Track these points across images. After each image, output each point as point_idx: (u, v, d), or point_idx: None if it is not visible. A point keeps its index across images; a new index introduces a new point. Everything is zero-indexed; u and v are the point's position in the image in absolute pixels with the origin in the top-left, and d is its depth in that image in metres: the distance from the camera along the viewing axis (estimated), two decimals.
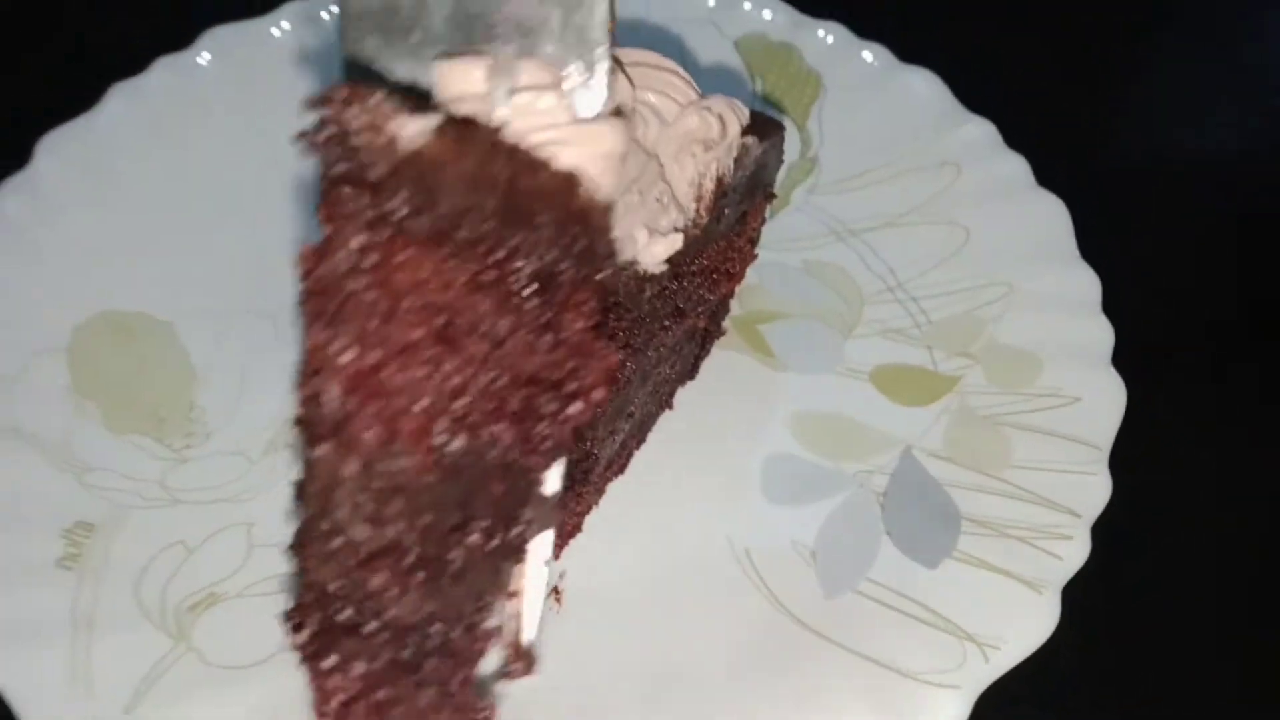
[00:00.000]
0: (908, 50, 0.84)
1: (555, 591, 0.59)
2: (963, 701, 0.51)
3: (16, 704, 0.48)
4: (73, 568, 0.55)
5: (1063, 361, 0.66)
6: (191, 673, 0.52)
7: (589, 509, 0.62)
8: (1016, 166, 0.76)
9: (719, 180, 0.53)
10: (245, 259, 0.71)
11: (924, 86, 0.82)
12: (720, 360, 0.70)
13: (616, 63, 0.47)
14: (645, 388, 0.59)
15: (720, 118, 0.51)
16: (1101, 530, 0.57)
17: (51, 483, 0.58)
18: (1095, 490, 0.59)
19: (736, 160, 0.54)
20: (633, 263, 0.49)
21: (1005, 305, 0.70)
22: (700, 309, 0.61)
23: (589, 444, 0.55)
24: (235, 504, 0.61)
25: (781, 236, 0.77)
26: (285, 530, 0.57)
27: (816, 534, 0.61)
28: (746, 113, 0.55)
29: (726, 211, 0.56)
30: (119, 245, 0.70)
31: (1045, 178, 0.76)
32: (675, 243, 0.49)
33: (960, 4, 0.98)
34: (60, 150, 0.72)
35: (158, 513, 0.59)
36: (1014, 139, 0.78)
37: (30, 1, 0.88)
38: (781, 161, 0.64)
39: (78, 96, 0.75)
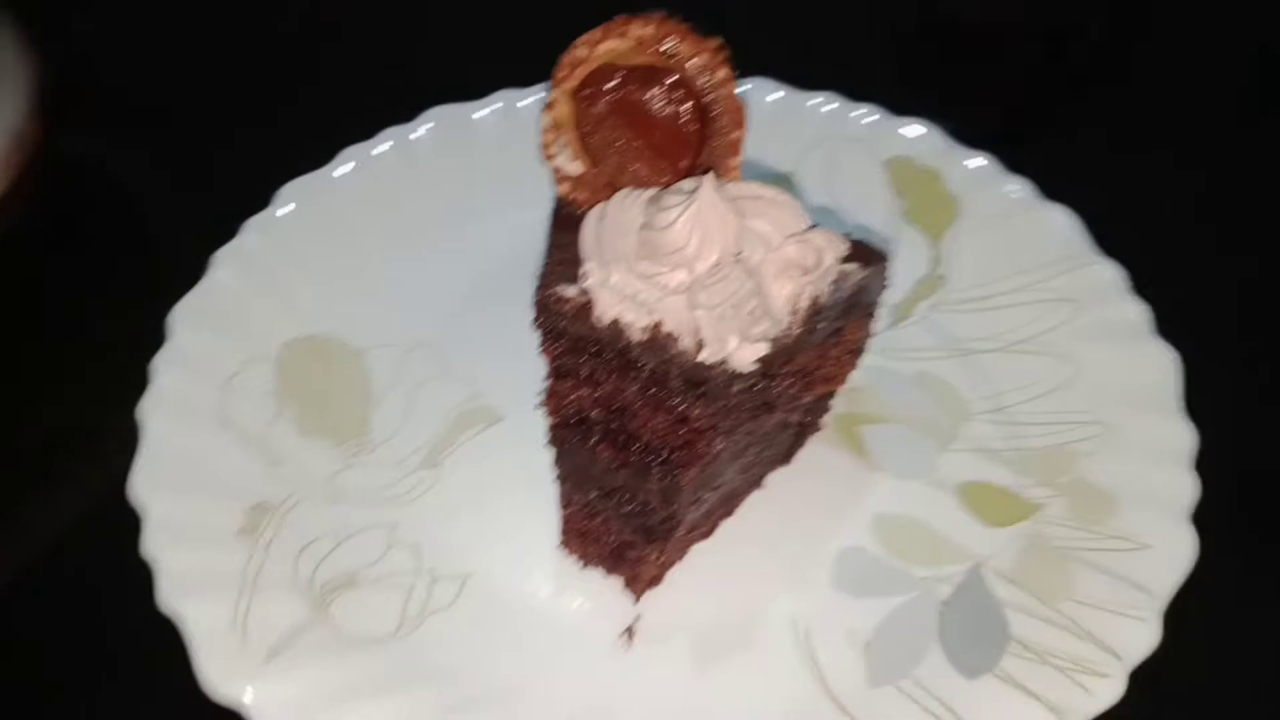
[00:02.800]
0: (1058, 187, 0.88)
1: (629, 631, 0.67)
2: None
3: (189, 636, 0.61)
4: (248, 538, 0.68)
5: (1141, 507, 0.69)
6: (322, 639, 0.63)
7: (671, 564, 0.70)
8: (1137, 313, 0.79)
9: (814, 300, 0.61)
10: (430, 303, 0.84)
11: (1060, 223, 0.86)
12: (816, 453, 0.77)
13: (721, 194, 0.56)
14: (733, 466, 0.67)
15: (818, 249, 0.59)
16: (1142, 678, 0.60)
17: (247, 467, 0.72)
18: (1143, 636, 0.61)
19: (835, 283, 0.62)
20: (722, 362, 0.57)
21: (1100, 444, 0.73)
22: (793, 406, 0.68)
23: (674, 506, 0.63)
24: (385, 507, 0.72)
25: (899, 346, 0.83)
26: (421, 532, 0.69)
27: (875, 627, 0.67)
28: (845, 245, 0.62)
29: (821, 325, 0.63)
30: (330, 283, 0.84)
31: (1168, 324, 0.78)
32: (762, 349, 0.57)
33: (1125, 145, 1.01)
34: (295, 198, 0.87)
35: (322, 507, 0.71)
36: (1145, 283, 0.81)
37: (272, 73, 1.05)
38: (884, 286, 0.71)
39: (311, 155, 0.90)
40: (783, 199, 0.60)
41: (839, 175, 0.94)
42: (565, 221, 0.65)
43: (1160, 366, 0.75)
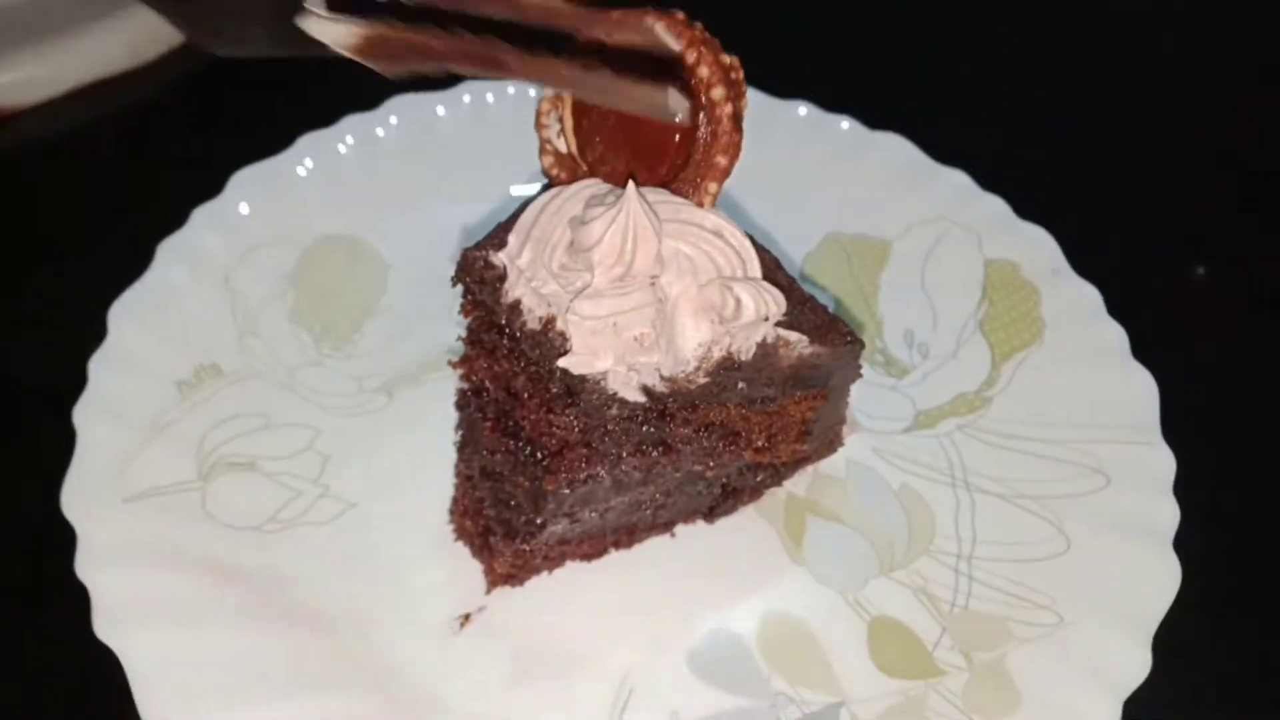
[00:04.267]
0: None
1: (465, 617, 0.65)
2: None
3: (78, 446, 0.65)
4: (182, 391, 0.72)
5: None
6: (188, 503, 0.66)
7: (535, 570, 0.67)
8: (1166, 516, 0.67)
9: (729, 354, 0.55)
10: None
11: (1140, 389, 0.74)
12: (747, 523, 0.71)
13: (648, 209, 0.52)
14: (622, 497, 0.63)
15: (739, 302, 0.54)
16: None
17: (223, 328, 0.76)
18: None
19: (765, 346, 0.56)
20: (600, 380, 0.54)
21: (1042, 636, 0.63)
22: (711, 462, 0.63)
23: (538, 512, 0.61)
24: (322, 412, 0.74)
25: (901, 452, 0.75)
26: (338, 447, 0.70)
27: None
28: (778, 308, 0.56)
29: (738, 385, 0.58)
30: (383, 195, 0.87)
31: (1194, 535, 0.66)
32: (651, 381, 0.53)
33: None
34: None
35: (267, 389, 0.74)
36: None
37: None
38: (857, 375, 0.64)
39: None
40: (735, 240, 0.56)
41: (936, 259, 0.85)
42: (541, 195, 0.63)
43: (1157, 583, 0.63)
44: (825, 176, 0.89)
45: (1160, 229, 0.97)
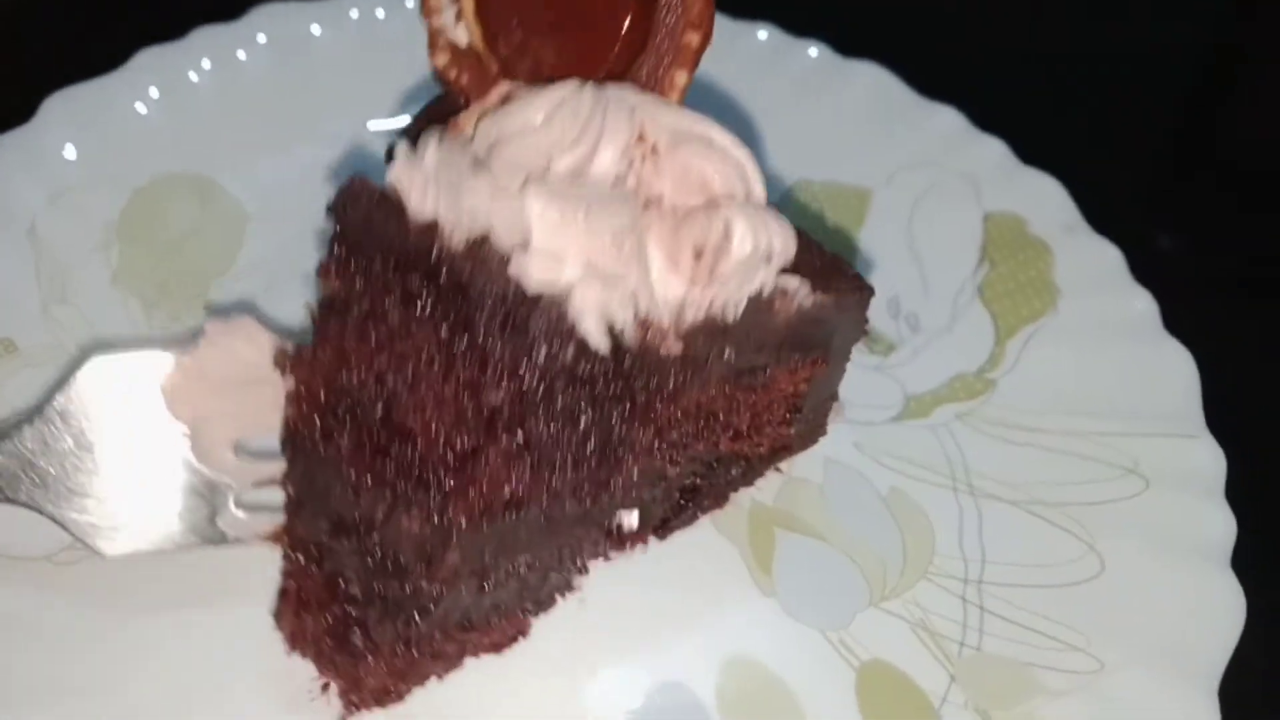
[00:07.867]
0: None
1: None
2: None
3: None
4: None
5: None
6: None
7: (421, 678, 0.49)
8: (1222, 529, 0.54)
9: (713, 314, 0.40)
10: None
11: (1179, 372, 0.61)
12: (702, 539, 0.56)
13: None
14: (550, 538, 0.46)
15: (727, 228, 0.38)
16: None
17: (18, 289, 0.59)
18: None
19: (757, 299, 0.41)
20: (557, 302, 0.38)
21: (1079, 689, 0.49)
22: (678, 453, 0.47)
23: (438, 563, 0.43)
24: None
25: (889, 447, 0.60)
26: None
27: None
28: (784, 246, 0.40)
29: (728, 354, 0.42)
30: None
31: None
32: (617, 313, 0.38)
33: None
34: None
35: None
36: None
37: None
38: (863, 332, 0.49)
39: None
40: (724, 143, 0.39)
41: (924, 212, 0.71)
42: (435, 113, 0.47)
43: (1217, 615, 0.50)
44: (791, 114, 0.76)
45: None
